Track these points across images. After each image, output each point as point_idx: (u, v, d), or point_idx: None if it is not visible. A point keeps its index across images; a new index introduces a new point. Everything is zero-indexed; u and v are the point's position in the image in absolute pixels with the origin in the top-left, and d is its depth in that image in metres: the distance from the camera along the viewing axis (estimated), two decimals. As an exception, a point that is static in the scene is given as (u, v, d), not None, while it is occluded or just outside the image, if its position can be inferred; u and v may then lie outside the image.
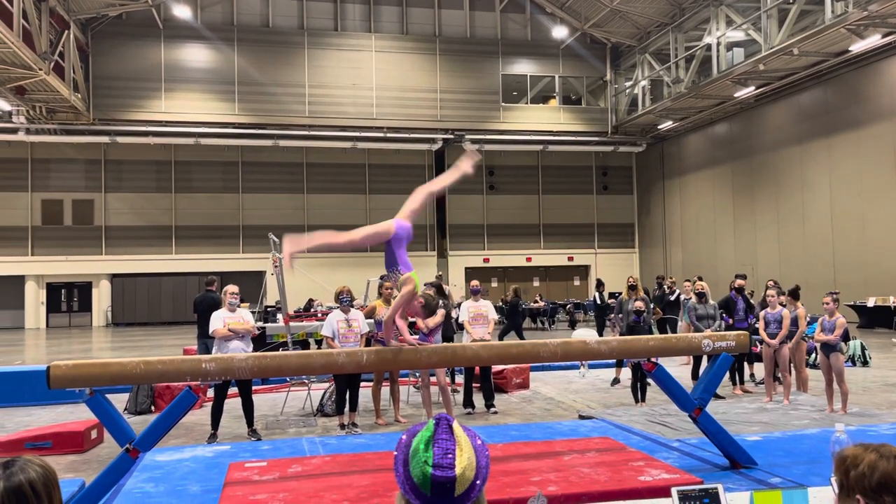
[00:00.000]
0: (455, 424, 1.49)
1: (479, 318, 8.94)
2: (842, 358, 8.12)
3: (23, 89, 22.35)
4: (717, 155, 27.45)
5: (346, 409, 8.06)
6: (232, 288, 7.96)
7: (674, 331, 13.12)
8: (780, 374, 9.03)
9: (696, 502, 2.70)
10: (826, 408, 8.10)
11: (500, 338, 13.92)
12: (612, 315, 13.34)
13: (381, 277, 9.36)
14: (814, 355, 11.05)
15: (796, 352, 8.97)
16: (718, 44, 22.89)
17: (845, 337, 11.40)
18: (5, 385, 10.04)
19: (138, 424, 6.54)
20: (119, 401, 9.15)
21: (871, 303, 19.24)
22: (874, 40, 18.81)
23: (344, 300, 8.15)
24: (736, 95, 24.01)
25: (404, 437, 1.50)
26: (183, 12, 26.67)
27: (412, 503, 1.43)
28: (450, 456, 1.41)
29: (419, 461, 1.42)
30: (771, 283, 10.15)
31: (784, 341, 8.77)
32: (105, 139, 26.75)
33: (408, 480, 1.43)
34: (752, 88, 23.26)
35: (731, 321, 9.80)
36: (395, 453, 1.49)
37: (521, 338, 14.05)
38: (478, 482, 1.44)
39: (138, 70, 26.74)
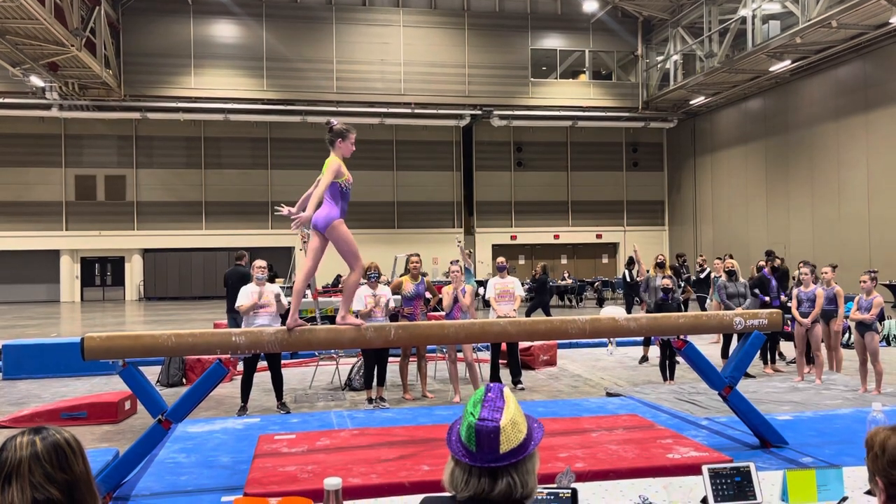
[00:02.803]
0: (507, 390, 1.50)
1: (505, 295, 8.92)
2: (877, 338, 7.97)
3: (55, 66, 22.61)
4: (751, 131, 26.88)
5: (374, 383, 8.13)
6: (260, 262, 8.01)
7: (703, 309, 12.96)
8: (813, 354, 8.90)
9: (727, 480, 2.66)
10: (860, 388, 7.97)
11: (528, 314, 13.89)
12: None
13: (409, 255, 9.38)
14: (848, 334, 10.86)
15: (830, 330, 8.81)
16: (754, 16, 22.30)
17: (881, 317, 11.17)
18: (42, 356, 10.28)
19: (170, 396, 6.66)
20: (151, 373, 9.32)
21: (907, 282, 18.82)
22: (917, 12, 18.18)
23: (372, 276, 8.18)
24: (771, 70, 23.42)
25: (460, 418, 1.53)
26: (211, -12, 26.69)
27: (462, 462, 1.43)
28: (497, 412, 1.42)
29: (467, 416, 1.44)
30: (801, 264, 9.98)
31: (816, 320, 8.62)
32: (136, 115, 27.02)
33: (457, 439, 1.44)
34: (788, 62, 22.67)
35: (767, 299, 9.66)
36: (449, 429, 1.50)
37: (548, 315, 14.01)
38: (531, 443, 1.44)
39: (168, 46, 26.89)
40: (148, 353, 4.79)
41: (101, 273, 29.56)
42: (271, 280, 8.47)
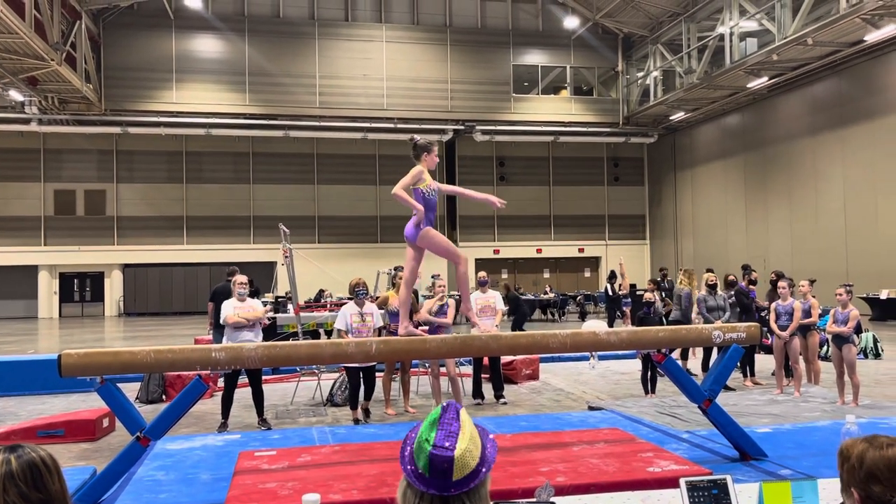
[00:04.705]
0: (463, 412, 1.49)
1: (486, 310, 8.92)
2: (854, 350, 8.07)
3: (35, 80, 22.46)
4: (729, 146, 27.24)
5: (361, 398, 8.00)
6: (241, 278, 7.97)
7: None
8: (791, 366, 8.99)
9: (704, 493, 2.69)
10: (837, 400, 8.06)
11: (514, 331, 13.91)
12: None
13: (395, 268, 9.36)
14: (826, 347, 10.99)
15: (809, 343, 8.91)
16: (731, 34, 22.67)
17: (858, 329, 11.32)
18: (18, 373, 10.13)
19: (149, 413, 6.59)
20: (131, 389, 9.23)
21: (883, 295, 19.09)
22: (889, 30, 18.57)
23: (360, 293, 7.99)
24: (749, 86, 23.80)
25: (415, 427, 1.51)
26: (194, 3, 26.69)
27: (413, 485, 1.43)
28: (452, 438, 1.41)
29: (421, 441, 1.43)
30: (773, 276, 10.16)
31: (794, 333, 8.72)
32: (117, 130, 26.86)
33: (410, 462, 1.43)
34: (766, 79, 23.05)
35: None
36: (404, 441, 1.49)
37: (521, 329, 14.12)
38: (482, 469, 1.43)
39: (149, 60, 26.82)
40: (126, 369, 4.75)
41: (80, 288, 29.24)
42: (253, 295, 8.43)
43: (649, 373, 9.09)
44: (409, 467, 1.44)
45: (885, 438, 1.72)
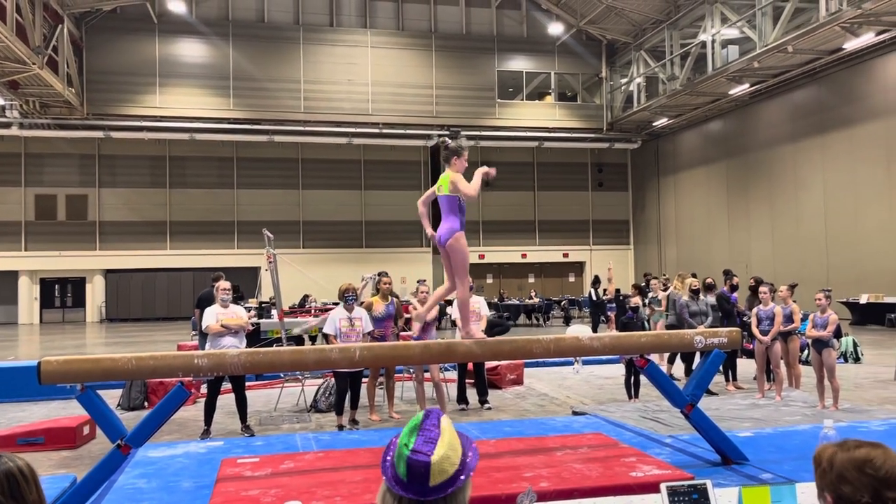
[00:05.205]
0: (444, 418, 1.50)
1: (471, 315, 8.92)
2: (834, 354, 8.15)
3: (16, 84, 22.25)
4: (712, 152, 27.49)
5: (347, 406, 7.99)
6: (224, 284, 7.93)
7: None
8: (773, 371, 9.06)
9: (684, 498, 2.71)
10: (818, 404, 8.14)
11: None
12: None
13: (379, 274, 9.34)
14: (806, 352, 11.09)
15: (789, 348, 8.99)
16: (713, 41, 22.90)
17: (837, 333, 11.44)
18: (-2, 381, 10.00)
19: (131, 420, 6.54)
20: (113, 396, 9.15)
21: (863, 300, 19.31)
22: (868, 38, 18.85)
23: (349, 298, 8.01)
24: (730, 93, 24.03)
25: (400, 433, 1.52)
26: (178, 7, 26.57)
27: (392, 490, 1.44)
28: (430, 444, 1.43)
29: (401, 446, 1.44)
30: (752, 281, 10.28)
31: (776, 338, 8.80)
32: (99, 134, 26.65)
33: (390, 466, 1.45)
34: (747, 86, 23.29)
35: (738, 308, 9.99)
36: (387, 447, 1.50)
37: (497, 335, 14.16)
38: (461, 476, 1.44)
39: (132, 65, 26.65)
40: (107, 376, 4.71)
41: (62, 294, 28.94)
42: (236, 301, 8.38)
43: (633, 377, 9.13)
44: (389, 472, 1.45)
45: (853, 441, 1.76)
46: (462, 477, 1.44)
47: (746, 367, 11.04)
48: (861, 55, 20.23)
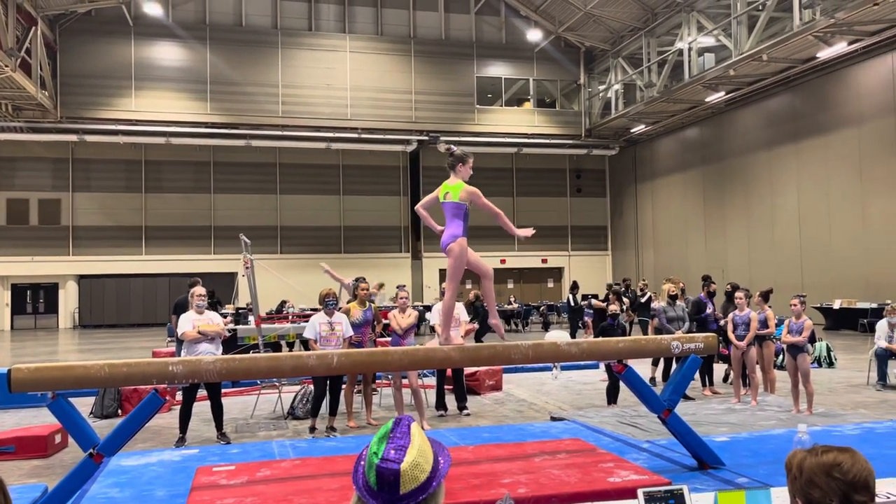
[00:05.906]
0: (415, 426, 1.49)
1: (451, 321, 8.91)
2: (808, 359, 8.25)
3: (-12, 86, 21.88)
4: (689, 159, 27.77)
5: (325, 412, 7.94)
6: (199, 290, 7.84)
7: (645, 333, 13.23)
8: (748, 376, 9.15)
9: (661, 503, 2.71)
10: (793, 408, 8.22)
11: (477, 341, 13.94)
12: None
13: (356, 279, 9.31)
14: (781, 357, 11.22)
15: (765, 353, 9.09)
16: (690, 49, 23.17)
17: (812, 339, 11.59)
18: (-33, 388, 9.78)
19: (104, 428, 6.43)
20: (86, 404, 8.99)
21: (837, 305, 19.59)
22: (840, 47, 19.18)
23: (330, 303, 8.04)
24: (707, 100, 24.32)
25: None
26: (154, 10, 26.33)
27: (364, 499, 1.43)
28: (400, 452, 1.42)
29: (371, 454, 1.43)
30: (729, 287, 10.39)
31: (752, 343, 8.89)
32: (73, 138, 26.29)
33: (361, 476, 1.44)
34: (723, 93, 23.58)
35: (715, 313, 10.09)
36: (359, 456, 1.49)
37: (479, 340, 14.20)
38: (433, 483, 1.43)
39: (108, 68, 26.34)
40: (79, 384, 4.63)
41: (34, 300, 28.45)
42: (212, 308, 8.29)
43: (616, 383, 9.16)
44: (360, 481, 1.44)
45: (822, 447, 1.78)
46: (434, 483, 1.43)
47: (722, 372, 11.14)
48: (834, 64, 20.57)
